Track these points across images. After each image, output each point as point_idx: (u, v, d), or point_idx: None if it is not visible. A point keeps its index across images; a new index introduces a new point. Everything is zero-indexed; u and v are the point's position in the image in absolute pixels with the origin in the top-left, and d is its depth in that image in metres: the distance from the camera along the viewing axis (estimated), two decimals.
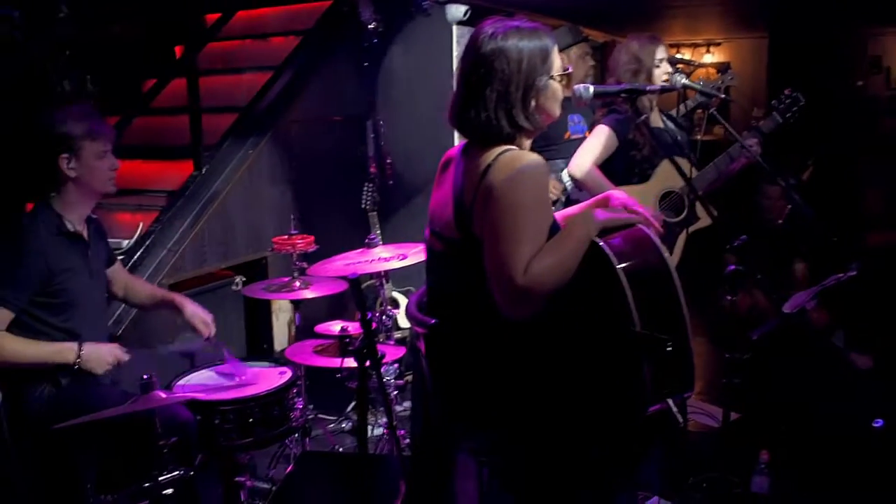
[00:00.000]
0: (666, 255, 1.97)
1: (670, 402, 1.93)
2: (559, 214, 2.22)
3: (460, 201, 2.00)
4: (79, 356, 2.81)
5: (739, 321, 2.75)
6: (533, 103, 2.02)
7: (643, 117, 2.36)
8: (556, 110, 2.10)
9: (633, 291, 1.86)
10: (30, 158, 3.07)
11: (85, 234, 2.99)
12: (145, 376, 2.49)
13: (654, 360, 1.86)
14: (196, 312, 3.23)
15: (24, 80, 3.96)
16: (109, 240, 3.38)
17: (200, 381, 3.11)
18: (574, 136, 4.08)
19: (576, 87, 2.29)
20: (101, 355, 2.86)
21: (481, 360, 2.03)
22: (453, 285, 2.10)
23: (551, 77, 2.03)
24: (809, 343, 4.32)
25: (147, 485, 2.45)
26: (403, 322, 4.68)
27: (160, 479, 2.47)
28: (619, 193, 2.21)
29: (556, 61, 2.06)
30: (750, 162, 3.56)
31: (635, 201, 2.15)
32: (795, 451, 3.73)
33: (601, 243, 1.93)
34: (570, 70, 2.11)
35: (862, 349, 4.42)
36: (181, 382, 3.08)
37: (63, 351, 2.81)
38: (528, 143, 2.10)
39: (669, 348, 1.83)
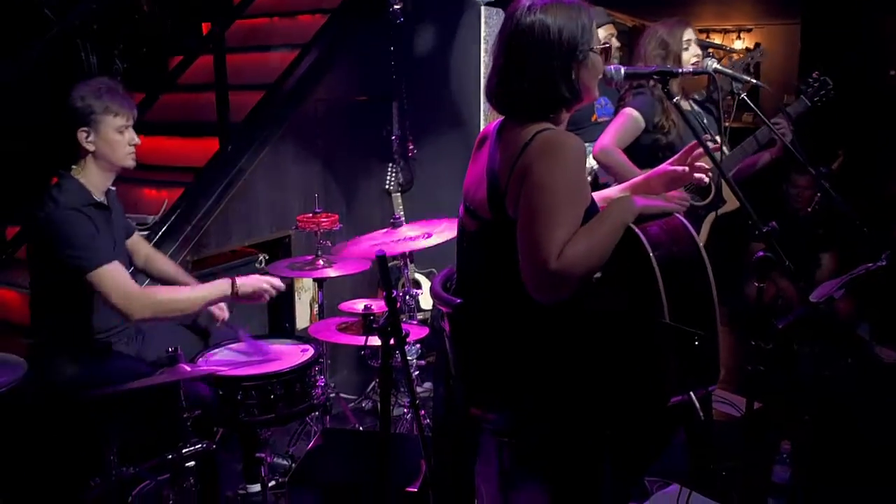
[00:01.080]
0: (702, 247, 1.94)
1: (692, 394, 1.91)
2: (597, 195, 2.20)
3: (494, 180, 1.97)
4: (235, 287, 2.88)
5: (764, 309, 2.72)
6: (573, 75, 1.99)
7: (675, 99, 2.33)
8: (595, 87, 2.07)
9: (664, 281, 1.84)
10: (52, 131, 3.08)
11: (107, 203, 3.00)
12: (170, 349, 2.50)
13: (680, 352, 1.84)
14: None
15: (53, 55, 3.97)
16: (135, 215, 3.40)
17: (223, 358, 3.13)
18: (601, 119, 4.05)
19: (607, 67, 2.26)
20: (255, 281, 2.94)
21: (508, 341, 2.02)
22: (484, 265, 2.08)
23: (591, 49, 2.01)
24: (835, 334, 4.28)
25: (170, 456, 2.47)
26: (425, 303, 4.68)
27: (183, 451, 2.48)
28: None
29: (596, 35, 2.03)
30: (779, 154, 3.52)
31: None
32: (818, 443, 3.70)
33: (637, 230, 1.91)
34: (608, 45, 2.09)
35: (888, 342, 4.37)
36: (204, 357, 3.10)
37: (220, 285, 2.89)
38: (566, 118, 2.08)
39: (697, 342, 1.81)
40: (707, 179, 2.29)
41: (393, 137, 4.89)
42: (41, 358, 2.84)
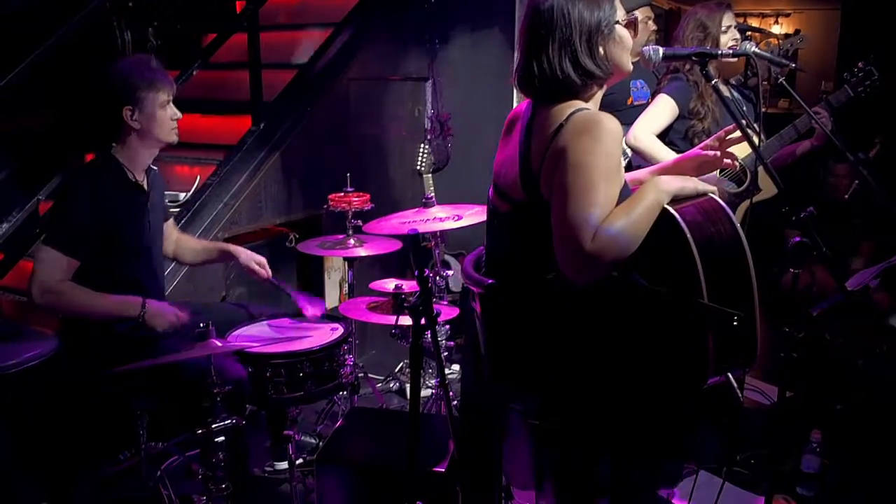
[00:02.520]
0: (739, 227, 1.92)
1: (730, 376, 1.89)
2: (628, 177, 2.18)
3: (527, 161, 1.96)
4: (143, 309, 2.83)
5: (798, 297, 2.68)
6: (601, 50, 1.97)
7: (713, 82, 2.29)
8: (626, 61, 2.04)
9: (703, 262, 1.82)
10: (92, 110, 3.09)
11: (145, 184, 3.01)
12: (201, 325, 2.51)
13: (718, 334, 1.82)
14: (251, 256, 3.28)
15: (88, 32, 3.99)
16: (167, 192, 3.40)
17: (254, 334, 3.15)
18: (637, 103, 4.00)
19: (644, 48, 2.23)
20: (165, 314, 2.86)
21: (540, 323, 2.00)
22: (516, 246, 2.07)
23: (616, 22, 1.98)
24: (868, 323, 4.22)
25: (199, 432, 2.48)
26: (455, 285, 4.67)
27: (213, 426, 2.49)
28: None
29: (619, 9, 2.01)
30: (819, 144, 3.47)
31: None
32: (849, 432, 3.66)
33: (673, 211, 1.88)
34: (635, 17, 2.06)
35: None
36: (235, 334, 3.11)
37: (128, 305, 2.83)
38: (598, 96, 2.05)
39: (736, 323, 1.79)
40: (738, 165, 2.27)
41: (426, 118, 4.87)
42: (73, 332, 2.87)
